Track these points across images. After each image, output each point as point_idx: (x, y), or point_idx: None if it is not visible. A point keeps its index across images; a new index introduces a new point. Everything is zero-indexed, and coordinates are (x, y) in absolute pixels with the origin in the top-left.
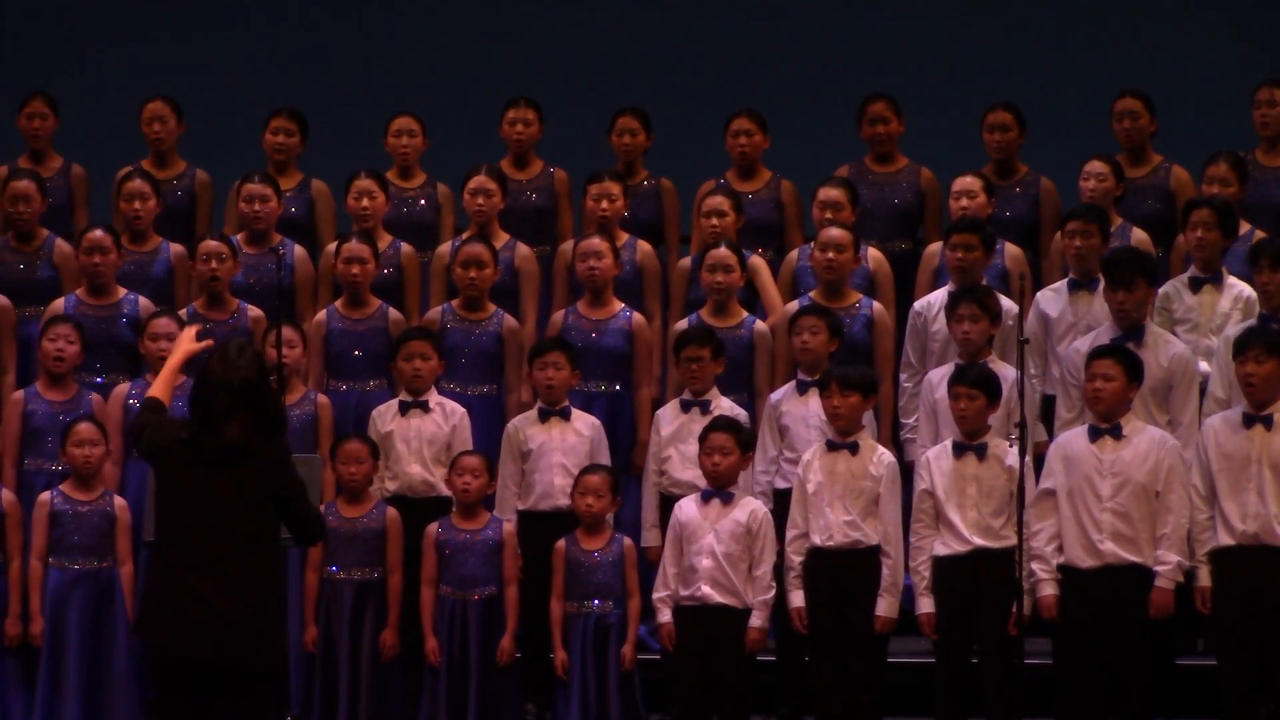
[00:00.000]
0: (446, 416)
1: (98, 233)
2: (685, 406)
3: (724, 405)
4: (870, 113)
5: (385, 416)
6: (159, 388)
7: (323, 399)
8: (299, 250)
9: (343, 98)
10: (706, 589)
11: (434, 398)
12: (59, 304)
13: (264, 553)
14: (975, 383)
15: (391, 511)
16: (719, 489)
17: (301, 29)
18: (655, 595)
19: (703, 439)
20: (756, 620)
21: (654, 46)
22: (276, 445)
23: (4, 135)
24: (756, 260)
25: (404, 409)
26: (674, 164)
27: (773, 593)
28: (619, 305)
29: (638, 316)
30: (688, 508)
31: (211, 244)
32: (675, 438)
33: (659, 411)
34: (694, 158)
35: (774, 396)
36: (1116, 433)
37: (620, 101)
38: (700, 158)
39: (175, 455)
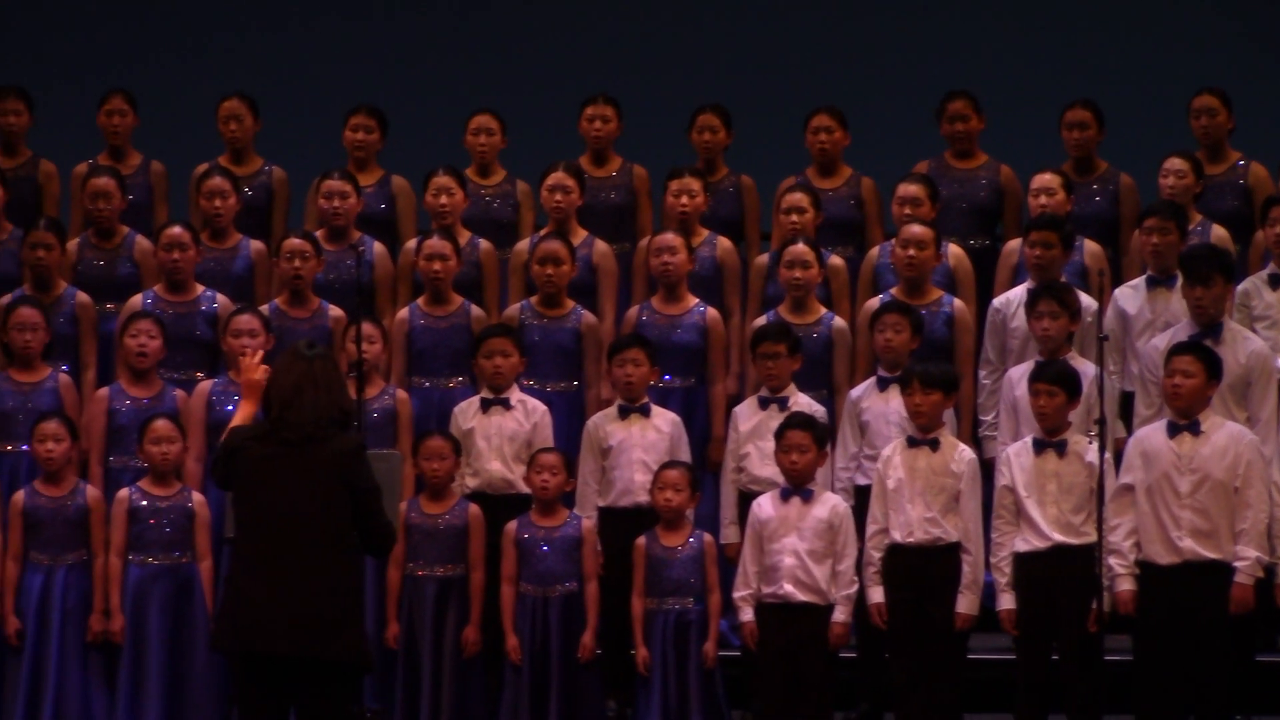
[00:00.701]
0: (527, 414)
1: (176, 229)
2: (763, 403)
3: (801, 402)
4: (950, 110)
5: (467, 414)
6: (238, 419)
7: (402, 395)
8: (378, 247)
9: (422, 94)
10: (789, 587)
11: (515, 395)
12: (136, 300)
13: (341, 544)
14: (1055, 379)
15: (473, 508)
16: (797, 486)
17: (381, 25)
18: (736, 594)
19: (779, 436)
20: (840, 615)
21: (735, 43)
22: (350, 438)
23: (84, 132)
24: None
25: (485, 406)
26: (754, 161)
27: (855, 588)
28: (693, 300)
29: (711, 311)
30: (767, 505)
31: (295, 242)
32: (753, 435)
33: (737, 408)
34: (774, 155)
35: (854, 393)
36: (1195, 429)
37: (701, 98)
38: (781, 155)
39: (250, 450)
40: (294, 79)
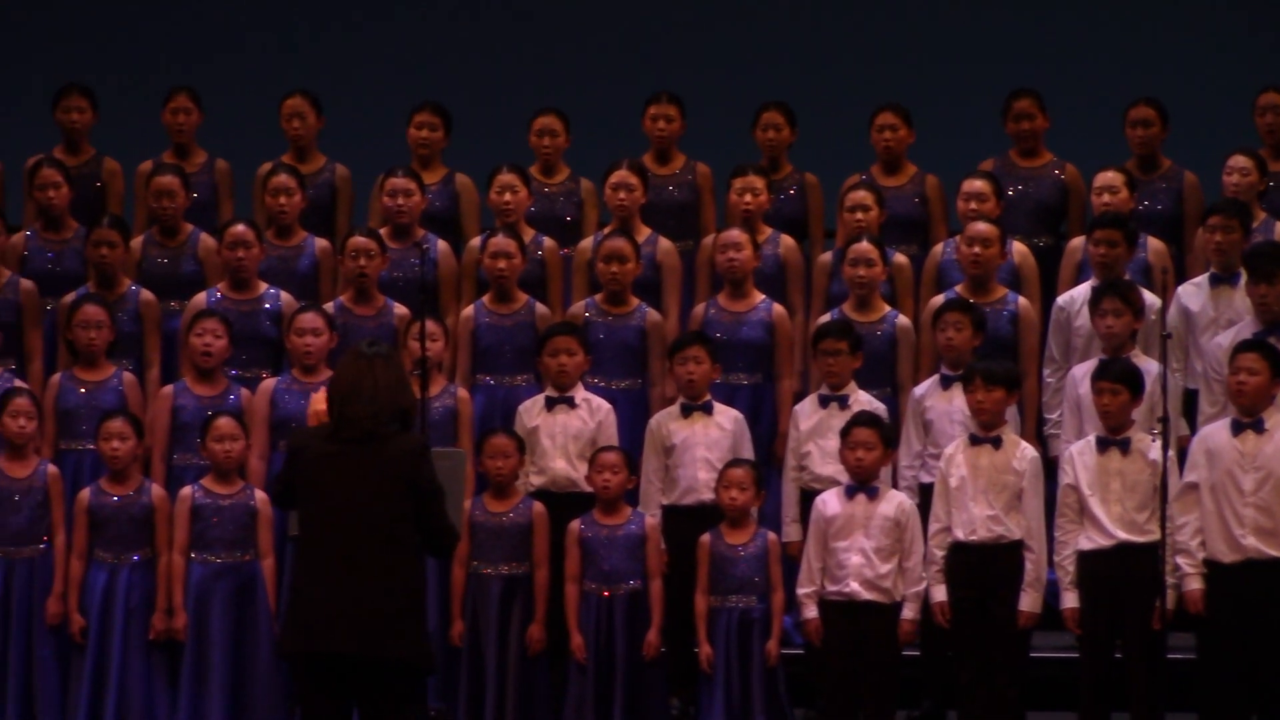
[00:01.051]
0: (592, 412)
1: (240, 227)
2: (823, 401)
3: (862, 399)
4: (1015, 108)
5: (531, 412)
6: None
7: (463, 393)
8: (442, 245)
9: (486, 91)
10: (855, 585)
11: (580, 393)
12: (200, 298)
13: (403, 543)
14: (1119, 377)
15: (538, 506)
16: (862, 484)
17: (445, 22)
18: (800, 591)
19: (845, 434)
20: (909, 612)
21: (799, 40)
22: (414, 437)
23: (149, 131)
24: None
25: (550, 404)
26: (819, 158)
27: (923, 584)
28: (759, 297)
29: (778, 308)
30: (832, 502)
31: (360, 240)
32: (814, 433)
33: (797, 406)
34: (839, 152)
35: (917, 391)
36: (1259, 426)
37: (764, 96)
38: (845, 152)
39: (312, 449)
40: (358, 76)
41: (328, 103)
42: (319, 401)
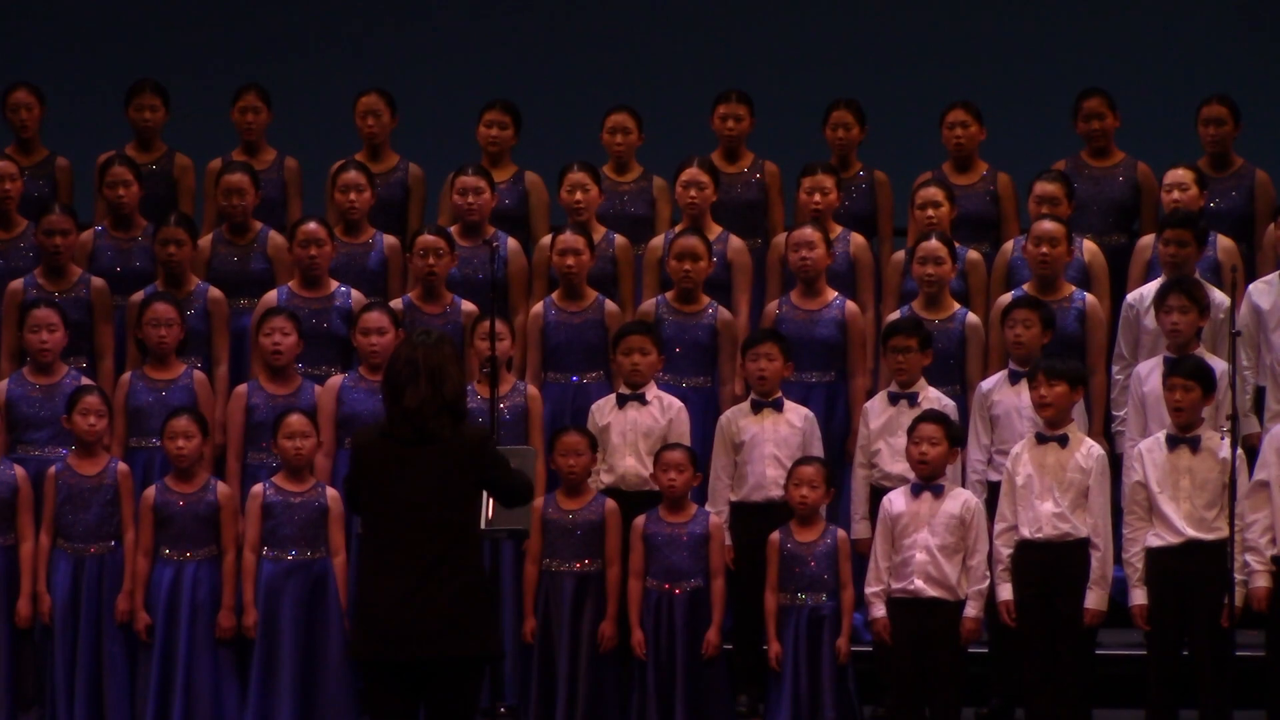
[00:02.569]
0: (664, 409)
1: (311, 225)
2: (893, 398)
3: (931, 396)
4: (1085, 108)
5: (603, 410)
6: None
7: (533, 391)
8: (512, 243)
9: (556, 90)
10: (920, 582)
11: (651, 391)
12: (271, 296)
13: (467, 538)
14: (1191, 374)
15: (610, 503)
16: (927, 480)
17: (516, 20)
18: (868, 589)
19: (911, 430)
20: (972, 610)
21: (869, 38)
22: (473, 430)
23: (218, 129)
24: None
25: (621, 402)
26: (889, 156)
27: (987, 582)
28: (832, 294)
29: (850, 305)
30: (898, 501)
31: (429, 238)
32: (884, 430)
33: (867, 404)
34: (909, 150)
35: (984, 386)
36: None
37: (834, 94)
38: (916, 150)
39: (373, 451)
40: (428, 74)
41: (398, 101)
42: None
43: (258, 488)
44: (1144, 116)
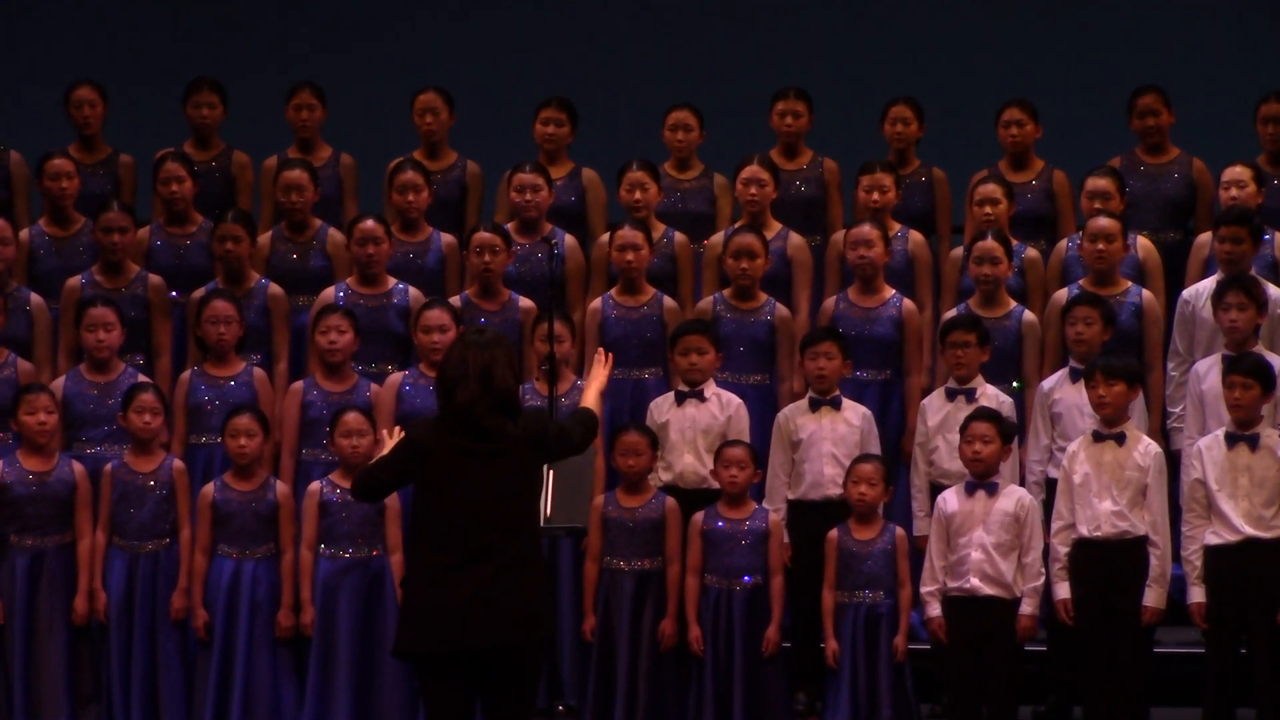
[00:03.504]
0: (723, 406)
1: (369, 222)
2: (950, 395)
3: (989, 394)
4: (1140, 104)
5: (661, 407)
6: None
7: None
8: (570, 240)
9: (614, 86)
10: (975, 580)
11: (710, 388)
12: (329, 293)
13: (527, 529)
14: (1250, 372)
15: (670, 501)
16: (980, 478)
17: (573, 16)
18: (923, 589)
19: (964, 428)
20: (1027, 608)
21: (926, 35)
22: (526, 419)
23: (273, 126)
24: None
25: (680, 399)
26: (946, 154)
27: (1042, 580)
28: (890, 292)
29: (908, 303)
30: (952, 500)
31: (485, 235)
32: (942, 427)
33: (925, 400)
34: (966, 148)
35: (1045, 384)
36: None
37: (892, 91)
38: (973, 148)
39: (432, 442)
40: (486, 71)
41: (455, 98)
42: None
43: (315, 485)
44: (1200, 113)
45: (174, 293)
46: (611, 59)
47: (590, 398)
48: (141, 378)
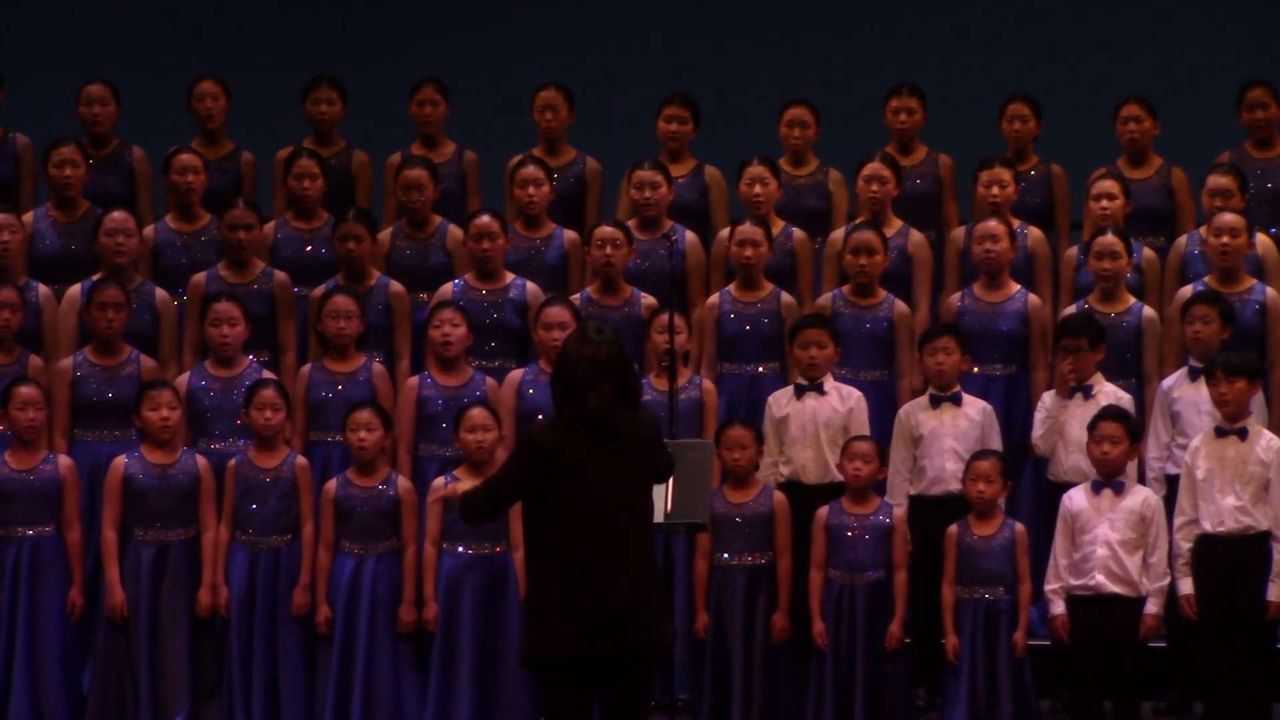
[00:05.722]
0: (842, 399)
1: (485, 218)
2: (1069, 391)
3: (1107, 391)
4: (1249, 98)
5: (780, 402)
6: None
7: (708, 384)
8: (690, 236)
9: (735, 83)
10: (1100, 578)
11: (829, 382)
12: (447, 289)
13: (650, 529)
14: None
15: (778, 495)
16: (1108, 478)
17: (693, 13)
18: (1047, 586)
19: (1092, 427)
20: (1152, 607)
21: (1044, 31)
22: (645, 416)
23: (397, 123)
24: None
25: (799, 393)
26: (1064, 150)
27: (1168, 579)
28: (1015, 287)
29: (1033, 298)
30: (1078, 498)
31: (607, 230)
32: (1060, 425)
33: (1042, 397)
34: (1084, 144)
35: (1165, 383)
36: None
37: (1008, 87)
38: (1091, 144)
39: (563, 444)
40: (607, 68)
41: (577, 94)
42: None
43: (439, 481)
44: None
45: (296, 289)
46: (733, 56)
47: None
48: (265, 373)
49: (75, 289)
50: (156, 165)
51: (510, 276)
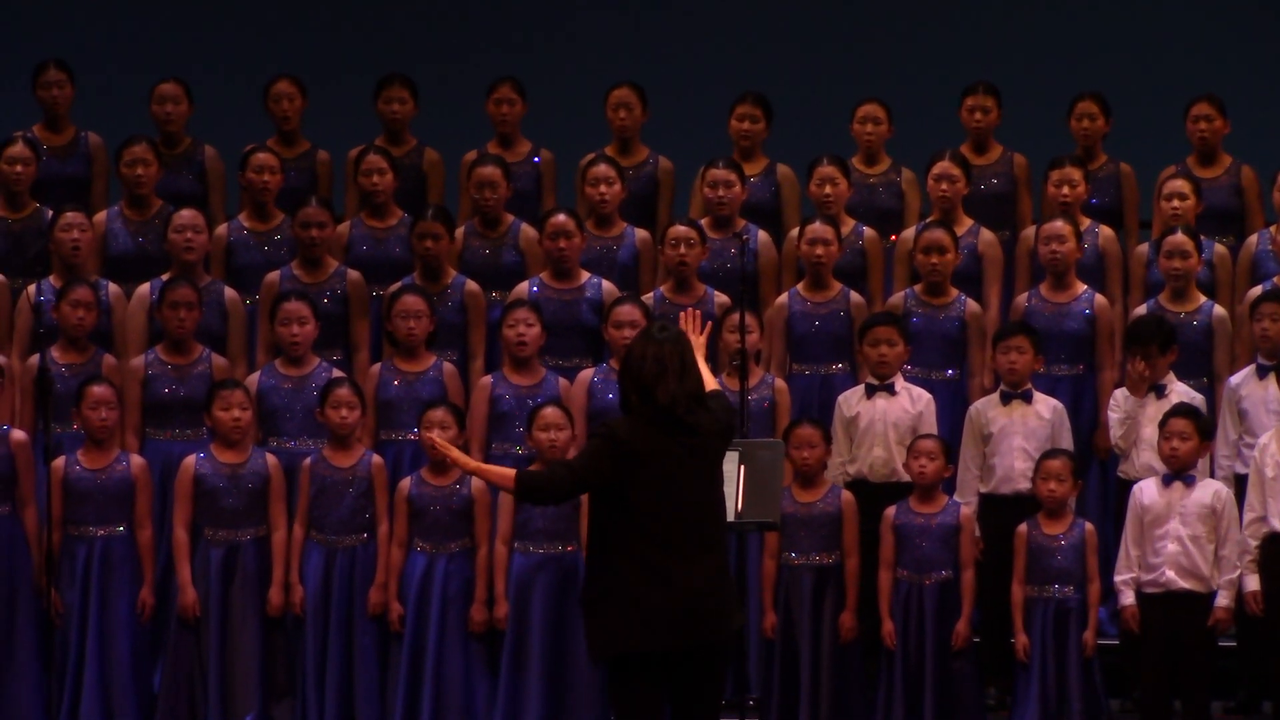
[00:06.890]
0: (913, 400)
1: (560, 217)
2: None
3: (1179, 390)
4: None
5: (850, 401)
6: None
7: (780, 384)
8: (763, 235)
9: (807, 82)
10: (1171, 574)
11: (899, 382)
12: (522, 288)
13: (724, 523)
14: None
15: (846, 495)
16: (1178, 474)
17: (765, 11)
18: (1117, 578)
19: (1163, 424)
20: (1223, 600)
21: (1115, 30)
22: (718, 407)
23: (473, 121)
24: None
25: (870, 392)
26: (1133, 149)
27: (1238, 573)
28: (1082, 287)
29: (1100, 298)
30: (1149, 491)
31: (680, 229)
32: (1133, 424)
33: (1114, 394)
34: (1155, 143)
35: (1233, 381)
36: None
37: (1080, 87)
38: (1161, 143)
39: (638, 439)
40: (680, 66)
41: (650, 93)
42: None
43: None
44: None
45: (370, 288)
46: (805, 54)
47: (710, 378)
48: (336, 373)
49: (144, 288)
50: (228, 164)
51: (586, 275)
